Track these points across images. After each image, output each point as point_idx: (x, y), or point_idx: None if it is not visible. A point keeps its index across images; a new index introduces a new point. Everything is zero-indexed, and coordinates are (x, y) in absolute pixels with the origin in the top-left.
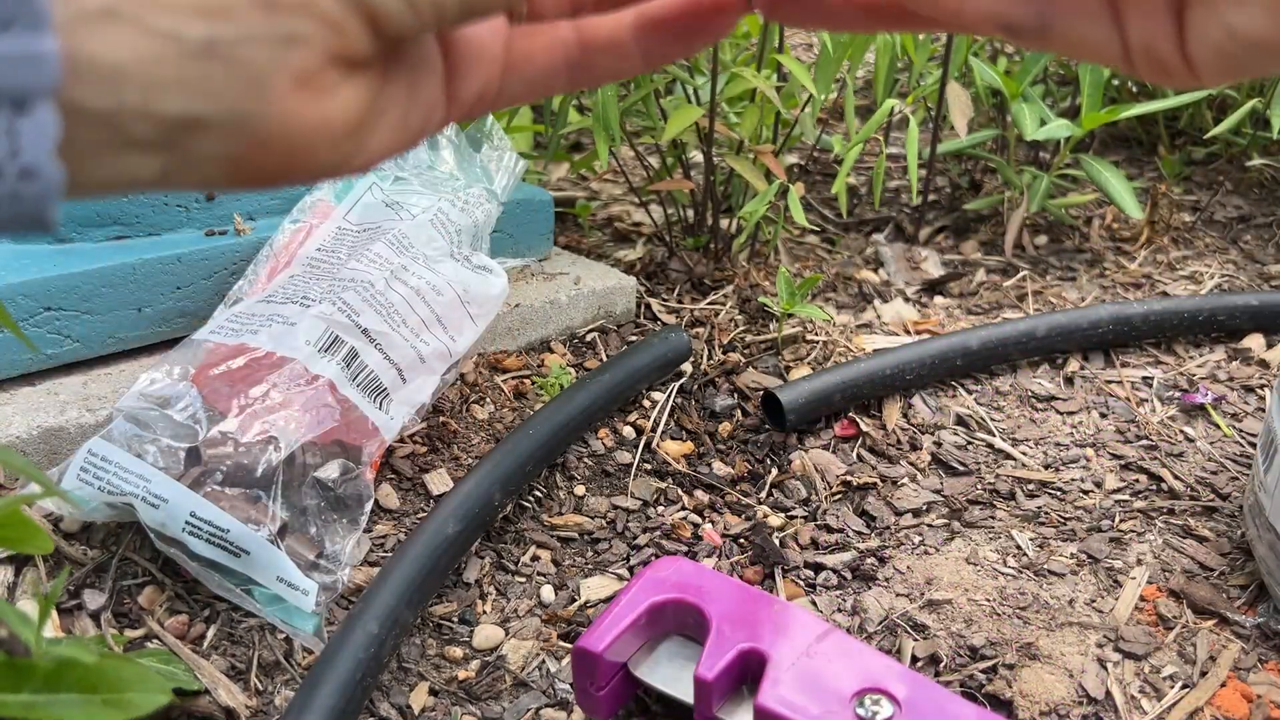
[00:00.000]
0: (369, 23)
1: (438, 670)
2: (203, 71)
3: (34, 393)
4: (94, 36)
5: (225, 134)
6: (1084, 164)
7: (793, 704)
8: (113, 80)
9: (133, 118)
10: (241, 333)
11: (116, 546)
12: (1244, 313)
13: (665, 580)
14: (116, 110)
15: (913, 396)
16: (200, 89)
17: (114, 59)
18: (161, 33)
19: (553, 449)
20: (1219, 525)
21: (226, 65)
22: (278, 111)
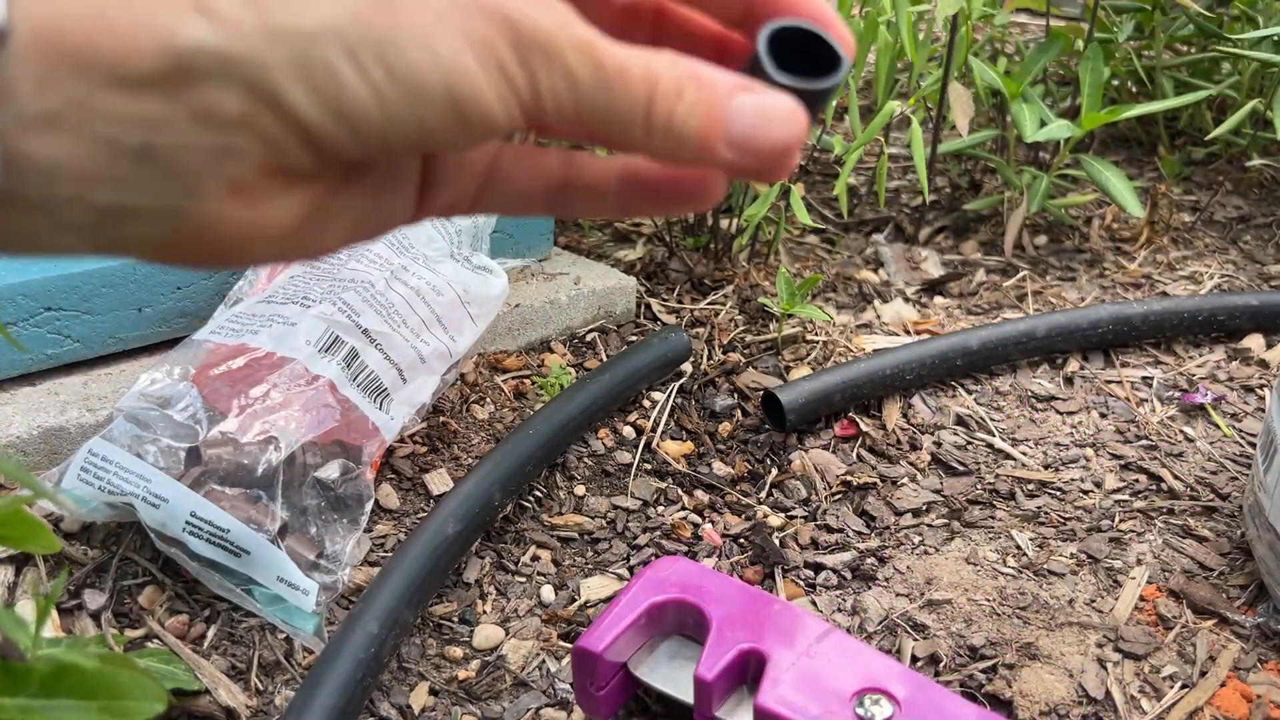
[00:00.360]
0: (309, 146)
1: (438, 670)
2: (136, 171)
3: (34, 393)
4: (33, 140)
5: (155, 223)
6: (1084, 164)
7: (793, 704)
8: (48, 175)
9: (66, 205)
10: (242, 333)
11: (117, 546)
12: (1244, 313)
13: (665, 580)
14: (49, 198)
15: (913, 396)
16: (132, 184)
17: (51, 159)
18: (100, 138)
19: (553, 449)
20: (1219, 525)
21: (160, 167)
22: (210, 211)
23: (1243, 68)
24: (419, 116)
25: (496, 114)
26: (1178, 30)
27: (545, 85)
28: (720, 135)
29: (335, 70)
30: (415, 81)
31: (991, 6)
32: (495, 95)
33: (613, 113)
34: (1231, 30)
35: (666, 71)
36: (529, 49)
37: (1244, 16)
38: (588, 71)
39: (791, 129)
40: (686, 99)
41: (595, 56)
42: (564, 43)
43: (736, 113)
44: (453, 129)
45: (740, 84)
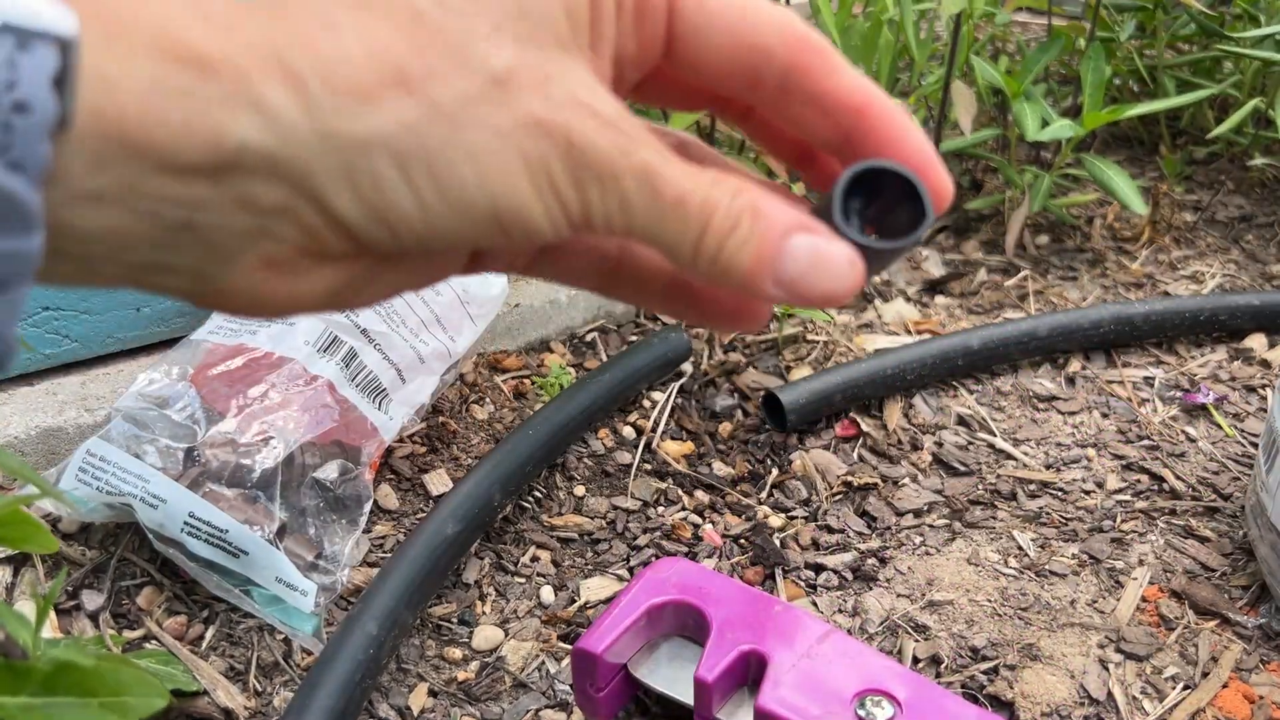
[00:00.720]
0: (347, 238)
1: (437, 671)
2: (174, 238)
3: (32, 392)
4: (77, 213)
5: (188, 280)
6: (1086, 163)
7: (793, 705)
8: (87, 239)
9: (101, 261)
10: (240, 333)
11: (115, 547)
12: (1245, 313)
13: (665, 581)
14: (87, 255)
15: (914, 396)
16: (168, 248)
17: (93, 227)
18: (143, 212)
19: (552, 449)
20: (1221, 526)
21: (197, 238)
22: (242, 278)
23: (1244, 67)
24: (461, 227)
25: (543, 230)
26: (1179, 29)
27: (597, 207)
28: (768, 273)
29: (381, 179)
30: (461, 196)
31: (993, 5)
32: (543, 212)
33: (663, 236)
34: (1234, 29)
35: (725, 202)
36: (585, 172)
37: (1246, 15)
38: (644, 198)
39: (843, 283)
40: (740, 233)
41: (654, 184)
42: (623, 169)
43: (789, 254)
44: (495, 238)
45: (800, 224)
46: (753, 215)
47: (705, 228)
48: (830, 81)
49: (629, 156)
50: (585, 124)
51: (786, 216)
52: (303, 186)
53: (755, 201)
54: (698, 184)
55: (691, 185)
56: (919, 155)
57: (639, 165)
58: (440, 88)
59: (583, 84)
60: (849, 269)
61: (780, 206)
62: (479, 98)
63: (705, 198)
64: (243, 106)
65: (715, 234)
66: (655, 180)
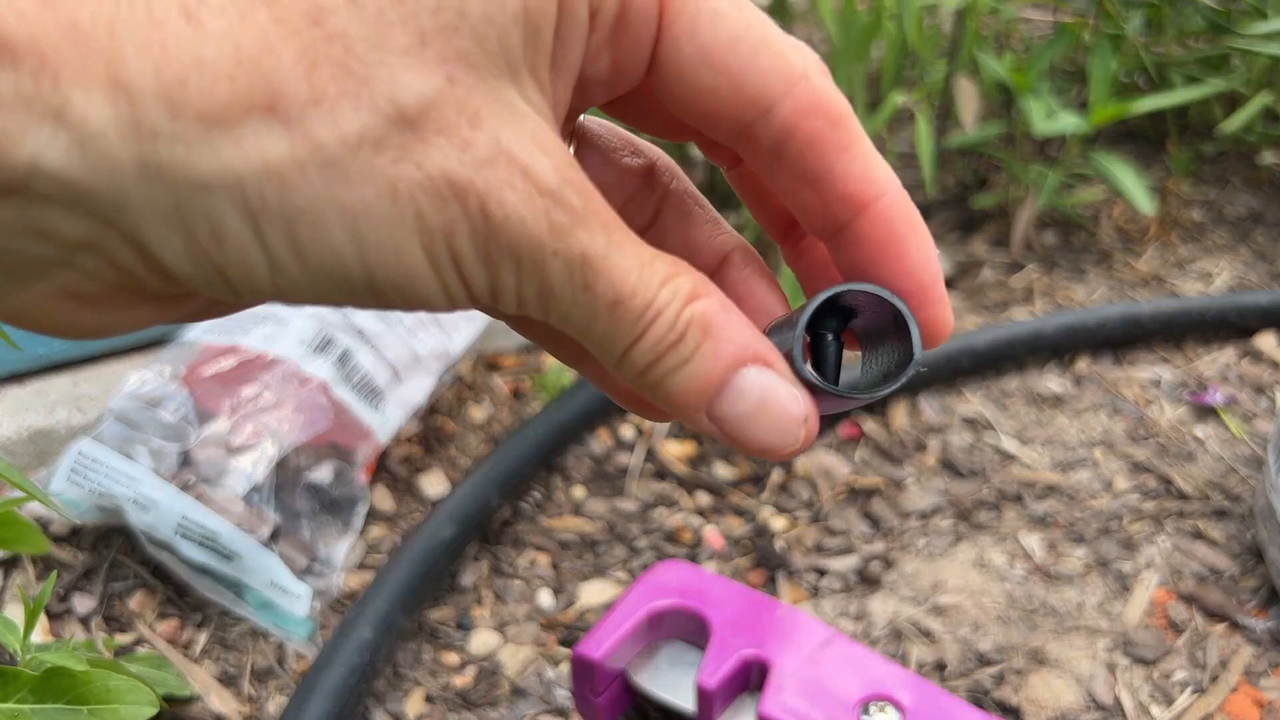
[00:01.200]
0: (171, 283)
1: (434, 676)
2: None
3: (23, 393)
4: None
5: None
6: (1093, 159)
7: (797, 712)
8: None
9: None
10: (234, 332)
11: (107, 550)
12: (1254, 312)
13: (665, 585)
14: None
15: (918, 397)
16: None
17: None
18: None
19: (551, 450)
20: (1229, 528)
21: None
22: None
23: (1252, 62)
24: (323, 291)
25: (435, 305)
26: (1187, 24)
27: (509, 291)
28: (703, 404)
29: (222, 229)
30: (325, 262)
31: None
32: (437, 288)
33: (588, 335)
34: (1242, 24)
35: (671, 309)
36: (499, 251)
37: (1254, 10)
38: (570, 291)
39: (788, 439)
40: (681, 351)
41: (586, 278)
42: (549, 253)
43: (735, 390)
44: (365, 304)
45: (754, 354)
46: (702, 331)
47: (641, 336)
48: (837, 161)
49: (562, 239)
50: (510, 191)
51: (740, 340)
52: (116, 223)
53: (708, 314)
54: (643, 282)
55: (635, 283)
56: (918, 277)
57: (573, 252)
58: (325, 122)
59: (520, 130)
60: (797, 426)
61: (737, 325)
62: (375, 141)
63: (648, 302)
64: (41, 114)
65: (651, 345)
66: (590, 273)
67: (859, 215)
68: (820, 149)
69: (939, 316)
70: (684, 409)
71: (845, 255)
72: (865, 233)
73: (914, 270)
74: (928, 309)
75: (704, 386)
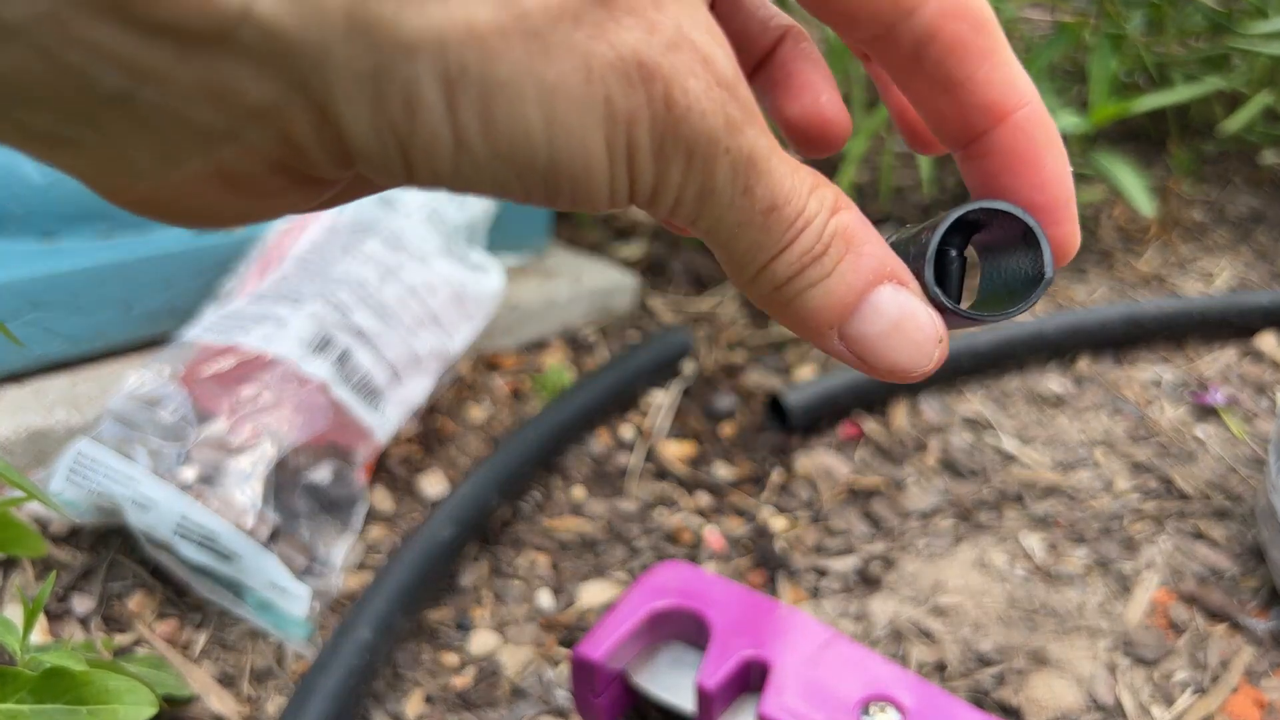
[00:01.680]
0: (342, 161)
1: (433, 677)
2: (99, 113)
3: (21, 393)
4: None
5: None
6: (1094, 159)
7: (797, 713)
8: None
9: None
10: (232, 332)
11: (105, 550)
12: (1256, 312)
13: (666, 585)
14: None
15: (919, 397)
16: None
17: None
18: (66, 65)
19: (551, 451)
20: (1230, 528)
21: (133, 121)
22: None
23: (1254, 62)
24: (499, 177)
25: (600, 202)
26: (1188, 23)
27: (671, 189)
28: (834, 322)
29: (417, 99)
30: (515, 143)
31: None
32: (606, 180)
33: (734, 243)
34: (1243, 24)
35: (819, 220)
36: (675, 146)
37: (1255, 9)
38: (731, 193)
39: (921, 361)
40: (823, 265)
41: (749, 180)
42: (721, 150)
43: (872, 308)
44: (535, 195)
45: (892, 272)
46: (845, 244)
47: (789, 245)
48: (979, 68)
49: (735, 136)
50: (693, 80)
51: (880, 255)
52: (306, 87)
53: (851, 228)
54: (795, 190)
55: (789, 190)
56: (1053, 193)
57: (742, 151)
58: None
59: (696, 17)
60: (932, 346)
61: (876, 240)
62: (574, 13)
63: (799, 210)
64: None
65: (797, 257)
66: (753, 174)
67: (997, 125)
68: (962, 54)
69: (1069, 235)
70: (818, 326)
71: (978, 166)
72: (1002, 144)
73: (1049, 185)
74: (1060, 226)
75: (842, 303)
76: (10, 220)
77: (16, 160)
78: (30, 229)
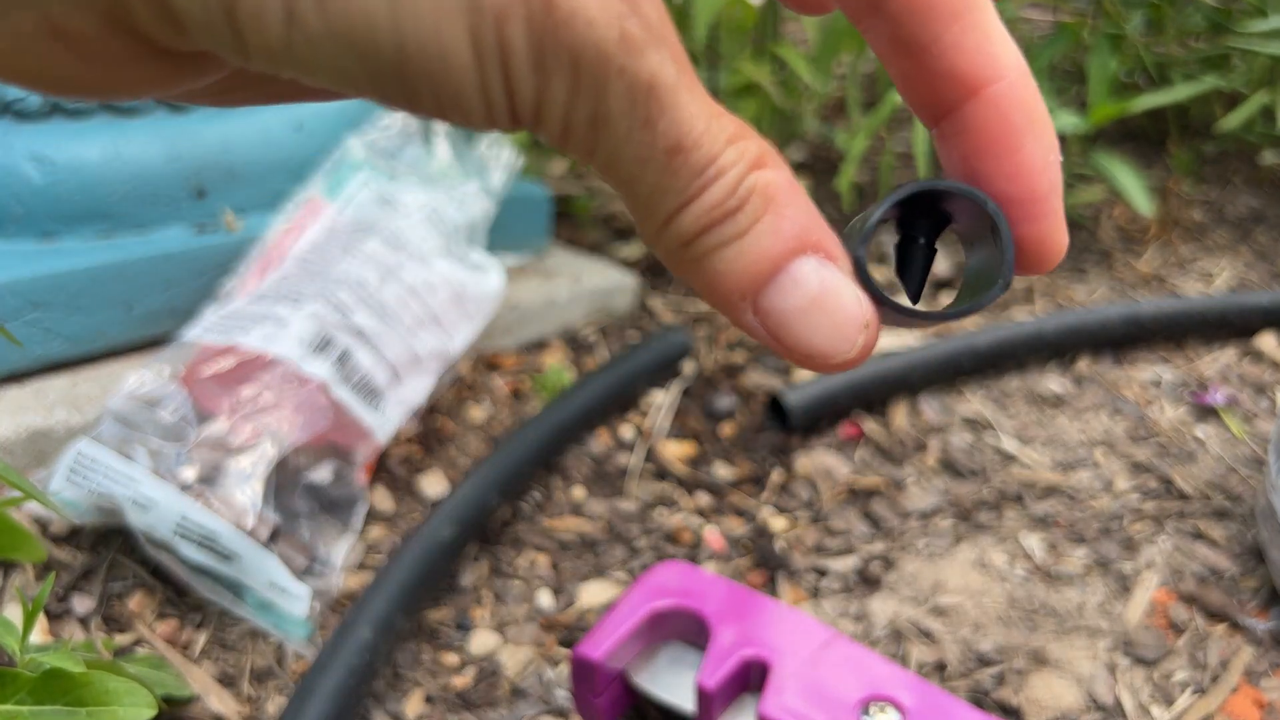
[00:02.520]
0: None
1: (433, 677)
2: None
3: (21, 393)
4: None
5: None
6: (1094, 159)
7: (797, 712)
8: None
9: None
10: (232, 332)
11: (105, 550)
12: (1256, 312)
13: (665, 585)
14: None
15: (919, 397)
16: None
17: None
18: None
19: (551, 451)
20: (1230, 528)
21: None
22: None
23: (1253, 62)
24: (342, 61)
25: (470, 108)
26: (1187, 23)
27: (557, 107)
28: (747, 291)
29: None
30: (353, 22)
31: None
32: (474, 85)
33: (633, 184)
34: (1242, 23)
35: (734, 172)
36: (557, 55)
37: (1255, 9)
38: (627, 123)
39: (841, 342)
40: (736, 223)
41: (649, 111)
42: (614, 70)
43: (789, 279)
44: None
45: (816, 242)
46: (764, 202)
47: (696, 196)
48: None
49: (632, 56)
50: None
51: (804, 222)
52: None
53: (773, 186)
54: (709, 134)
55: (700, 133)
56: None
57: (640, 75)
58: None
59: None
60: (855, 330)
61: (802, 206)
62: None
63: (711, 157)
64: None
65: (705, 209)
66: (655, 105)
67: (969, 99)
68: (926, 13)
69: (1048, 234)
70: (729, 295)
71: (951, 148)
72: (975, 122)
73: (1025, 173)
74: (1035, 224)
75: (756, 269)
76: (10, 220)
77: (17, 160)
78: (30, 229)
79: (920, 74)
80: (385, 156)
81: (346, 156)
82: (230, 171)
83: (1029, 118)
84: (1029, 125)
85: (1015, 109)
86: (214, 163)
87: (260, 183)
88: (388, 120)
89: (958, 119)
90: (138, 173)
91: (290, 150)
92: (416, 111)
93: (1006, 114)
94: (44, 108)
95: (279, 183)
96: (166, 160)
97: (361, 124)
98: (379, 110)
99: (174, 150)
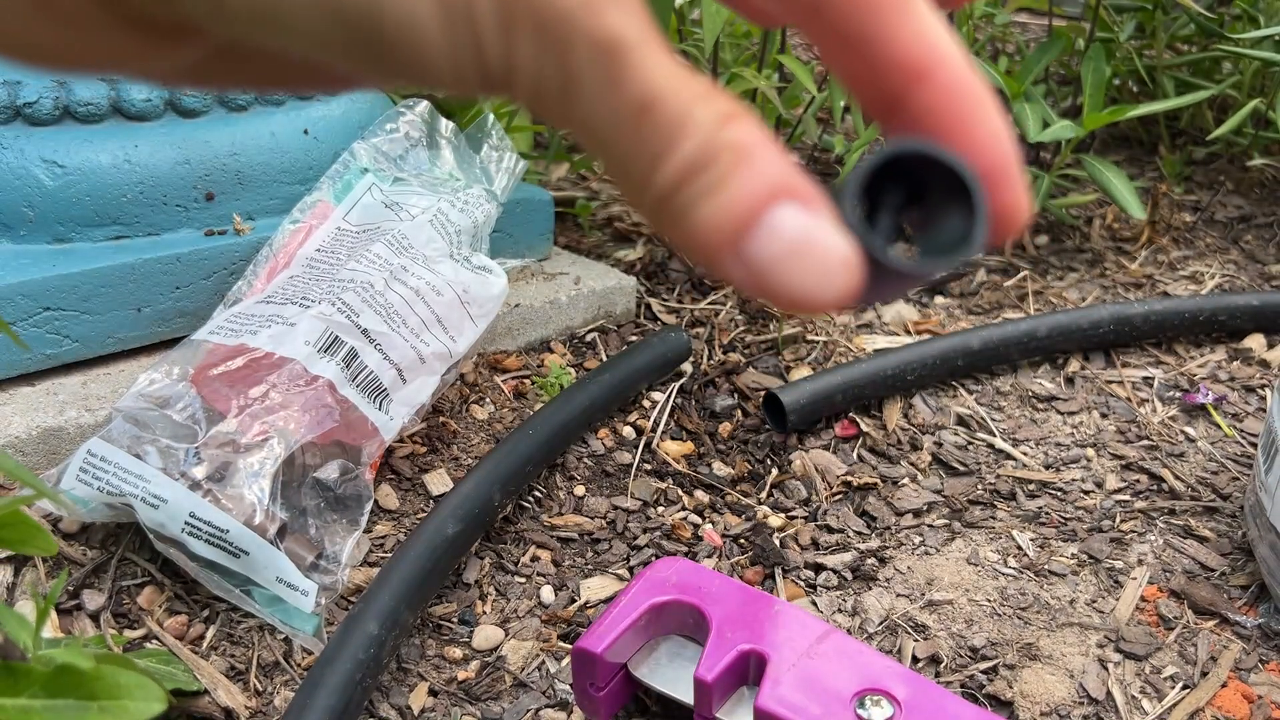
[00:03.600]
0: None
1: (437, 671)
2: None
3: (33, 393)
4: None
5: None
6: (1086, 164)
7: (793, 705)
8: None
9: None
10: (241, 333)
11: (116, 547)
12: (1245, 313)
13: (665, 581)
14: None
15: (913, 397)
16: None
17: None
18: None
19: (552, 449)
20: (1220, 525)
21: None
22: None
23: (1244, 67)
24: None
25: (440, 72)
26: (1179, 29)
27: (527, 70)
28: (732, 243)
29: None
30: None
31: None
32: (445, 48)
33: (607, 146)
34: (1233, 30)
35: (706, 127)
36: (524, 19)
37: (1245, 15)
38: (595, 84)
39: (826, 282)
40: (710, 175)
41: (615, 71)
42: (580, 32)
43: (769, 227)
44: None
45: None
46: (736, 156)
47: (666, 153)
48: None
49: (594, 15)
50: None
51: (779, 170)
52: None
53: (745, 138)
54: (677, 90)
55: (668, 88)
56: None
57: (603, 34)
58: None
59: None
60: (839, 268)
61: (776, 155)
62: None
63: (680, 112)
64: None
65: (677, 166)
66: (619, 65)
67: (916, 86)
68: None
69: (1012, 200)
70: (711, 248)
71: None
72: (923, 107)
73: (985, 147)
74: (1004, 193)
75: (735, 219)
76: (22, 224)
77: (29, 165)
78: (42, 232)
79: (866, 69)
80: (391, 161)
81: (353, 161)
82: (239, 176)
83: (975, 94)
84: (978, 101)
85: (964, 89)
86: (223, 167)
87: (268, 187)
88: (393, 126)
89: (907, 108)
90: (148, 177)
91: (297, 155)
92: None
93: (955, 94)
94: (55, 112)
95: (287, 187)
96: (176, 165)
97: (368, 130)
98: (385, 116)
99: (183, 155)
